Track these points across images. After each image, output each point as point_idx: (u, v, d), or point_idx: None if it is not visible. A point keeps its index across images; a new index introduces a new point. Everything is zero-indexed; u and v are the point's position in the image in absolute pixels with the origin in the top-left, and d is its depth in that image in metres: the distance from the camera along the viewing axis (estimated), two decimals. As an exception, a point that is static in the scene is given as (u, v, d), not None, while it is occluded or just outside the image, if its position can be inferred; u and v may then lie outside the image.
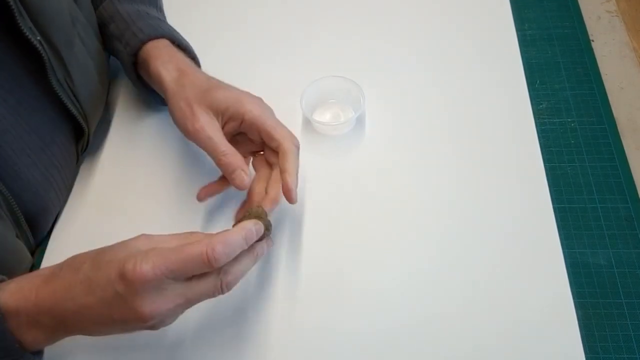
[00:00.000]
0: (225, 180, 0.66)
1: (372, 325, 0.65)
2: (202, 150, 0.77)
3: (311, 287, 0.68)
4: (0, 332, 0.51)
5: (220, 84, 0.69)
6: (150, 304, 0.50)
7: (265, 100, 0.70)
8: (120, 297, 0.49)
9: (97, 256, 0.52)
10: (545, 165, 0.75)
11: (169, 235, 0.56)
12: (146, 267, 0.48)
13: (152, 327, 0.52)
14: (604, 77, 0.84)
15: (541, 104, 0.82)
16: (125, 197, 0.76)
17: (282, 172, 0.63)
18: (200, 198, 0.68)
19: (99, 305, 0.51)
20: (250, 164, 0.70)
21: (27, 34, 0.59)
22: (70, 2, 0.69)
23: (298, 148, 0.66)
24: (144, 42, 0.72)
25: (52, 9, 0.63)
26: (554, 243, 0.69)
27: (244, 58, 0.90)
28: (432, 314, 0.65)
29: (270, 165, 0.68)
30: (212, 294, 0.53)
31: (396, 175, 0.76)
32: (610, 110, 0.80)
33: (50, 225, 0.72)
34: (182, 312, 0.53)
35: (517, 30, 0.90)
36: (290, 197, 0.62)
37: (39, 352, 0.58)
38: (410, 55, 0.88)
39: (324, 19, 0.94)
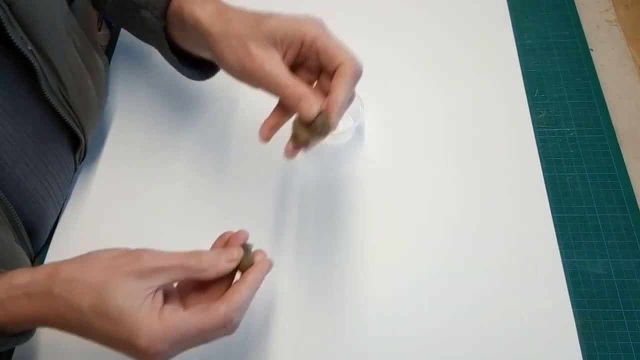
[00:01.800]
0: (282, 111, 0.61)
1: (370, 333, 0.65)
2: (199, 159, 0.78)
3: (312, 295, 0.67)
4: None
5: (269, 13, 0.61)
6: (163, 358, 0.50)
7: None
8: (130, 354, 0.50)
9: (98, 302, 0.48)
10: (544, 175, 0.75)
11: (172, 258, 0.52)
12: (163, 348, 0.48)
13: None
14: (603, 87, 0.84)
15: (540, 113, 0.82)
16: (122, 207, 0.76)
17: (331, 91, 0.56)
18: (265, 136, 0.61)
19: (105, 345, 0.50)
20: None
21: (18, 43, 0.58)
22: (65, 11, 0.68)
23: (358, 75, 0.58)
24: None
25: (45, 18, 0.63)
26: (553, 252, 0.69)
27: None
28: (430, 323, 0.65)
29: (326, 94, 0.59)
30: (219, 337, 0.53)
31: (395, 185, 0.76)
32: (610, 120, 0.80)
33: (47, 234, 0.72)
34: None
35: (516, 39, 0.90)
36: (329, 116, 0.55)
37: (29, 331, 0.56)
38: (409, 64, 0.88)
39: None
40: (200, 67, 0.72)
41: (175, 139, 0.81)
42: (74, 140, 0.72)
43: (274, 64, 0.58)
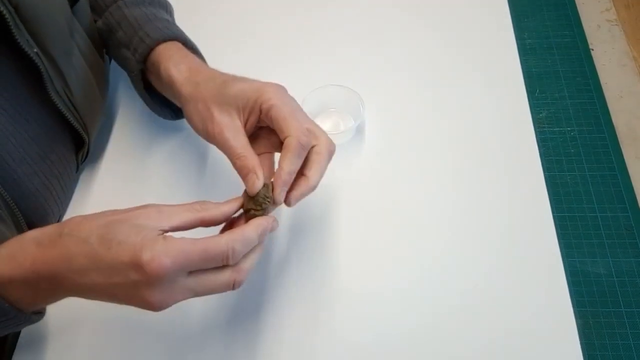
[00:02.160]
0: None
1: (370, 332, 0.65)
2: (201, 158, 0.78)
3: (311, 294, 0.68)
4: None
5: (236, 77, 0.64)
6: (160, 295, 0.49)
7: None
8: (132, 283, 0.49)
9: (106, 231, 0.50)
10: (545, 174, 0.75)
11: (178, 206, 0.54)
12: (167, 262, 0.48)
13: (154, 311, 0.51)
14: (603, 86, 0.84)
15: (541, 112, 0.82)
16: (124, 206, 0.75)
17: (278, 165, 0.58)
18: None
19: (105, 284, 0.50)
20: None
21: (24, 46, 0.59)
22: (68, 13, 0.68)
23: (304, 147, 0.59)
24: (152, 48, 0.70)
25: (49, 20, 0.63)
26: (554, 252, 0.69)
27: (245, 67, 0.89)
28: (431, 323, 0.65)
29: None
30: (223, 291, 0.53)
31: (396, 184, 0.76)
32: (610, 119, 0.80)
33: (49, 234, 0.72)
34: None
35: (517, 39, 0.90)
36: (273, 191, 0.58)
37: (39, 312, 0.57)
38: (410, 64, 0.88)
39: (325, 29, 0.94)
40: (173, 107, 0.75)
41: (179, 138, 0.81)
42: (77, 141, 0.72)
43: (233, 133, 0.60)
